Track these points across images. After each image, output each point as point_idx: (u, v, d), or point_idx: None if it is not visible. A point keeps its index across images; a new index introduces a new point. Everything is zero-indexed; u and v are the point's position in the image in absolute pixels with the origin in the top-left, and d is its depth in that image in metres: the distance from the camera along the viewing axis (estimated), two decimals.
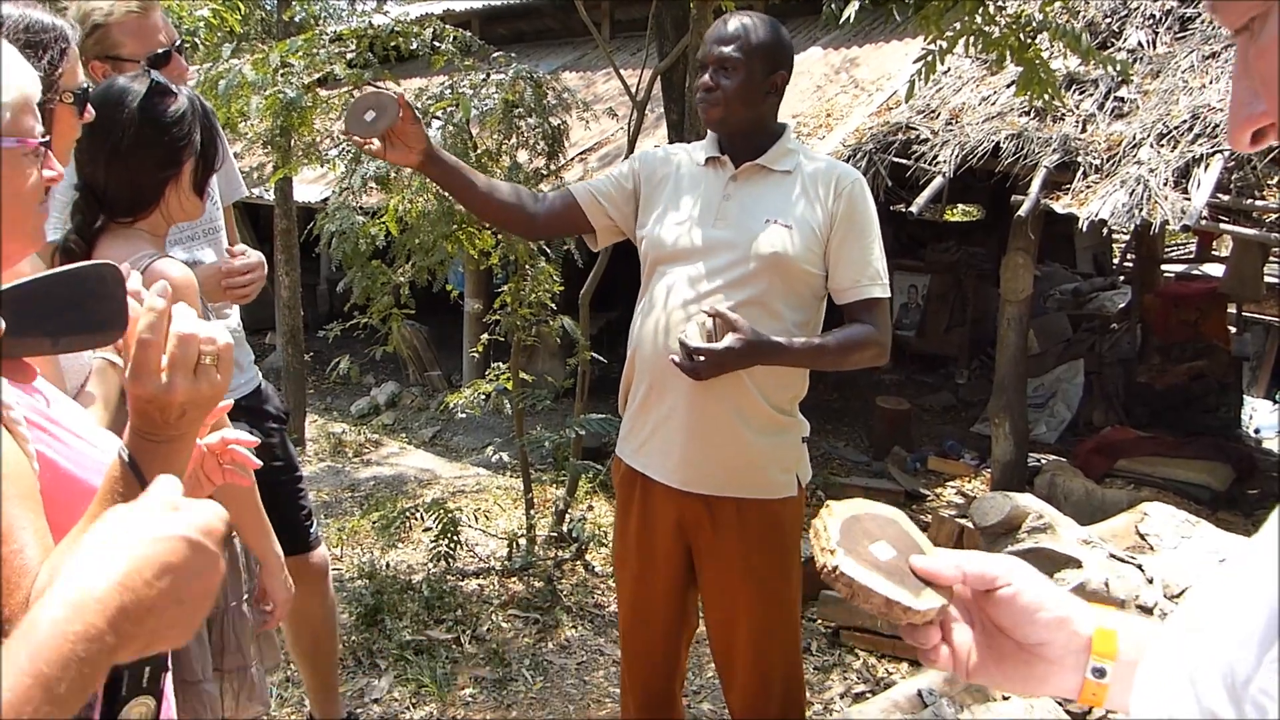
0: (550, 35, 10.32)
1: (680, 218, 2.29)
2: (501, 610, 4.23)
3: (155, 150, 1.85)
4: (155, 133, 1.84)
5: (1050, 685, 0.87)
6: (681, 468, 2.25)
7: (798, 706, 2.44)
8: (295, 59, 4.06)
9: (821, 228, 2.21)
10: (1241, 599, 0.62)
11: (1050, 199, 5.28)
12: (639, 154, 2.49)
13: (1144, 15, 6.18)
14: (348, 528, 5.32)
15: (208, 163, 1.94)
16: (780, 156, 2.28)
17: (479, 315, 6.45)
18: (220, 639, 2.05)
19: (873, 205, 2.28)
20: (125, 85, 1.86)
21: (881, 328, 2.25)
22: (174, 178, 1.89)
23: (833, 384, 8.22)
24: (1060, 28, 3.68)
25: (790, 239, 2.18)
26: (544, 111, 4.33)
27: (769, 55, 2.22)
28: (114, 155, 1.82)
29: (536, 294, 4.45)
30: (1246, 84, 0.67)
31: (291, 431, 6.65)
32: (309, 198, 7.68)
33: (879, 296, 2.24)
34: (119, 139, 1.81)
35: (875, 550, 0.93)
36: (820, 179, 2.25)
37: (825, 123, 6.68)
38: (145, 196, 1.88)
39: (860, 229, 2.23)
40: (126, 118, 1.81)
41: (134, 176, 1.85)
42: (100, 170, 1.84)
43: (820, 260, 2.23)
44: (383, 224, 4.27)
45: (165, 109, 1.85)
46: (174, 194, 1.90)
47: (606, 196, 2.40)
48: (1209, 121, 5.15)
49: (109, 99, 1.82)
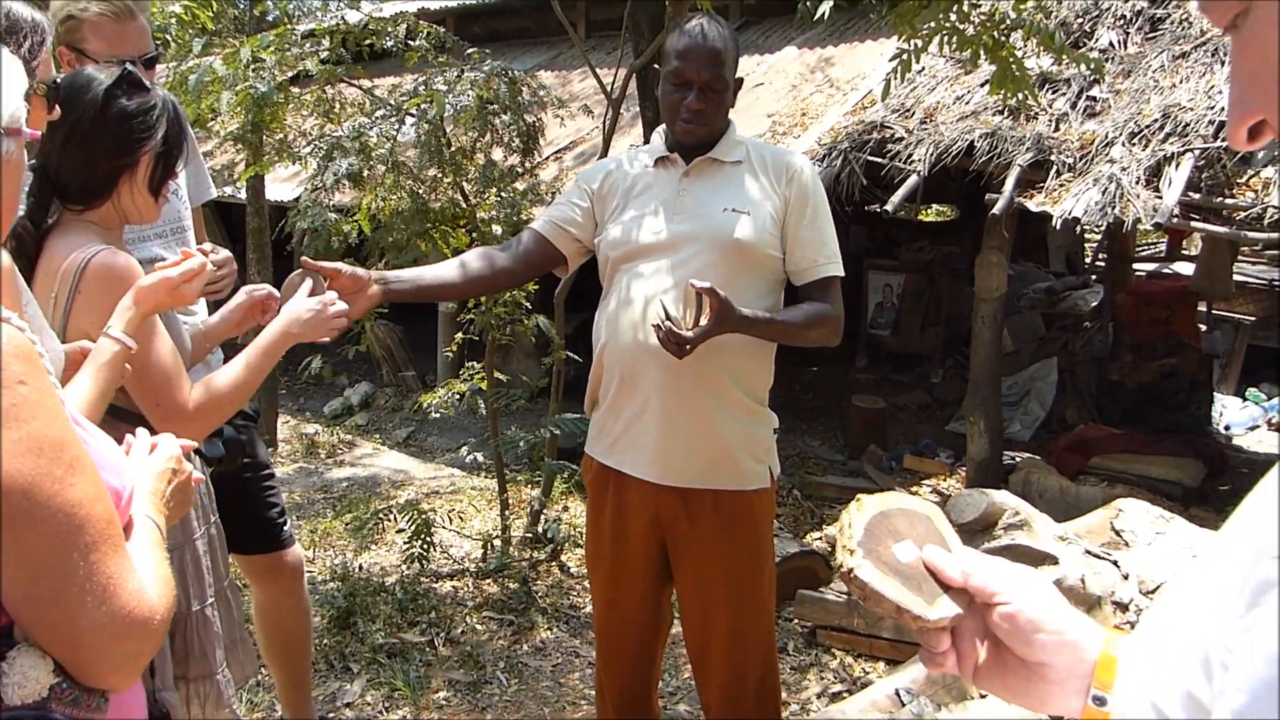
0: (526, 34, 10.28)
1: (640, 217, 2.32)
2: (476, 612, 4.20)
3: (113, 137, 1.82)
4: (117, 119, 1.82)
5: (1052, 705, 0.84)
6: (657, 461, 2.26)
7: (773, 703, 2.44)
8: (267, 54, 4.00)
9: (778, 211, 2.28)
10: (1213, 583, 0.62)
11: (1024, 197, 5.30)
12: (580, 174, 2.54)
13: (1115, 16, 6.23)
14: (320, 529, 5.27)
15: (168, 164, 1.90)
16: (730, 148, 2.33)
17: (453, 314, 6.41)
18: (184, 645, 2.01)
19: (822, 188, 2.37)
20: (95, 71, 1.85)
21: (837, 305, 2.32)
22: (129, 169, 1.85)
23: (808, 383, 8.24)
24: (1034, 25, 3.69)
25: (750, 225, 2.24)
26: (519, 109, 4.29)
27: (736, 63, 2.33)
28: (71, 135, 1.79)
29: (511, 293, 4.42)
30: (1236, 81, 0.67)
31: (263, 432, 6.59)
32: (282, 196, 7.60)
33: (834, 274, 2.31)
34: (78, 119, 1.78)
35: (898, 550, 0.90)
36: (770, 166, 2.32)
37: (800, 121, 6.68)
38: (97, 184, 1.85)
39: (814, 211, 2.30)
40: (90, 99, 1.80)
41: (88, 160, 1.82)
42: (56, 150, 1.81)
43: (779, 244, 2.29)
44: (356, 222, 4.23)
45: (131, 98, 1.83)
46: (127, 187, 1.87)
47: (569, 222, 2.43)
48: (1180, 121, 5.19)
49: (77, 82, 1.81)
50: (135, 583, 0.99)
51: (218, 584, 2.17)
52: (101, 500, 0.97)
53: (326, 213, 4.18)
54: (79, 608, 0.93)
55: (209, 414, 1.88)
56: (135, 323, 1.68)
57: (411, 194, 4.24)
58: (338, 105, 4.54)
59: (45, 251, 1.82)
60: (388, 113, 4.30)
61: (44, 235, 1.84)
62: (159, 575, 1.07)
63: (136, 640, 0.98)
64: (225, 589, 2.24)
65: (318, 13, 7.48)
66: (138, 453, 1.32)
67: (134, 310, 1.68)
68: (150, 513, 1.20)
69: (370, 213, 4.24)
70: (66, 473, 0.93)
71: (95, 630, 0.94)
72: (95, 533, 0.95)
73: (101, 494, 0.98)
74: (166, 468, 1.30)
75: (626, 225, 2.32)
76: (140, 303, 1.69)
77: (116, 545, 0.98)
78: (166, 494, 1.28)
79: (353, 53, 4.36)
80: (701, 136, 2.29)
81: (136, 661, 1.01)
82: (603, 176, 2.43)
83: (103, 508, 0.97)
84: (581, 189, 2.45)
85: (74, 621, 0.93)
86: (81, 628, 0.93)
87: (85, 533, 0.93)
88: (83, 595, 0.93)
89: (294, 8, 10.38)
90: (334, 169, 4.11)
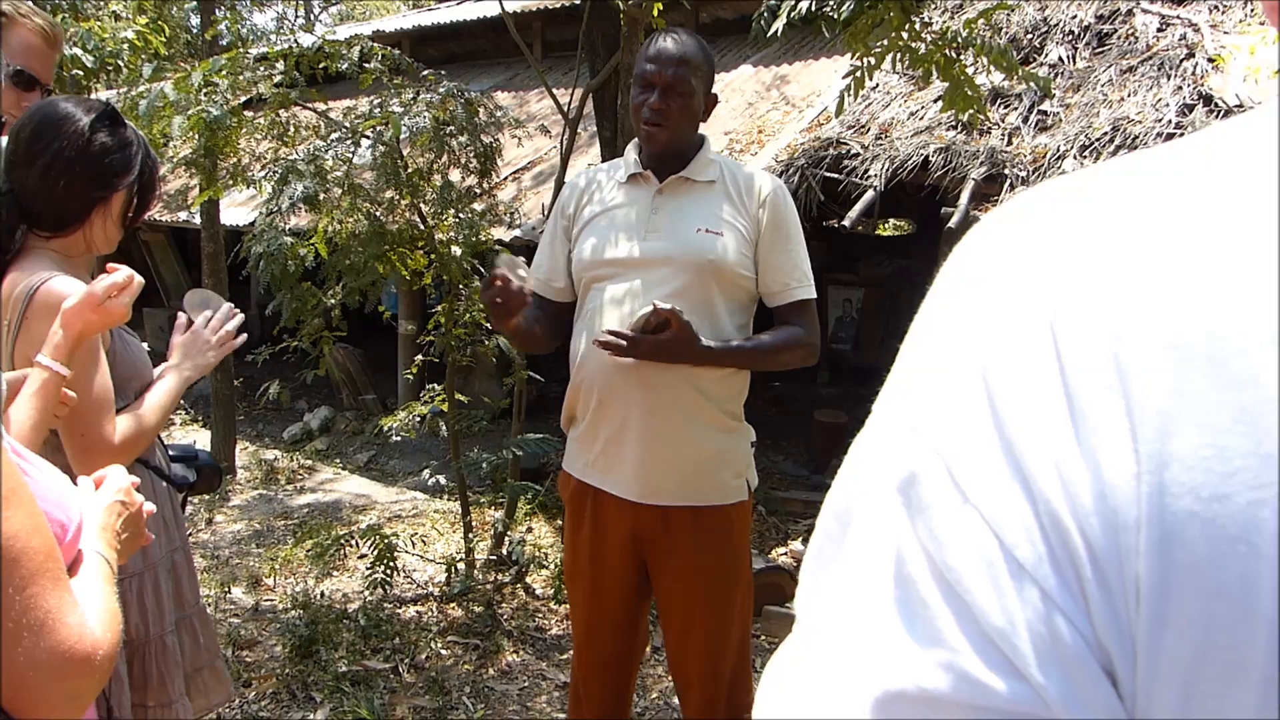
0: (482, 55, 10.28)
1: (612, 235, 2.31)
2: (440, 637, 4.15)
3: (92, 169, 1.83)
4: (100, 152, 1.83)
5: None
6: (637, 481, 2.26)
7: (748, 713, 2.43)
8: (220, 78, 3.97)
9: (749, 232, 2.27)
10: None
11: (980, 210, 5.36)
12: (556, 204, 2.51)
13: (1064, 31, 6.33)
14: (281, 557, 5.19)
15: (142, 199, 1.93)
16: (703, 167, 2.32)
17: (413, 336, 6.37)
18: (142, 673, 1.97)
19: (794, 209, 2.35)
20: (75, 106, 1.86)
21: (810, 328, 2.31)
22: (103, 202, 1.86)
23: (771, 398, 8.26)
24: (985, 43, 3.74)
25: (723, 246, 2.23)
26: (476, 130, 4.29)
27: (708, 75, 2.31)
28: (51, 165, 1.80)
29: (471, 314, 4.40)
30: None
31: (222, 459, 6.50)
32: (237, 220, 7.53)
33: (807, 298, 2.31)
34: (60, 149, 1.79)
35: None
36: (743, 186, 2.31)
37: (757, 139, 6.73)
38: (72, 214, 1.85)
39: (786, 233, 2.29)
40: (73, 131, 1.81)
41: (66, 190, 1.82)
42: (33, 177, 1.81)
43: (751, 265, 2.28)
44: (312, 245, 4.20)
45: (113, 132, 1.86)
46: (100, 219, 1.88)
47: (560, 270, 2.42)
48: (1129, 133, 5.29)
49: (58, 113, 1.82)
50: (76, 618, 0.96)
51: (182, 611, 2.13)
52: (40, 533, 0.95)
53: (282, 236, 4.14)
54: (15, 644, 0.90)
55: (132, 448, 1.86)
56: (65, 348, 1.63)
57: (368, 216, 4.21)
58: (292, 128, 4.50)
59: (7, 279, 1.80)
60: (343, 135, 4.28)
61: (8, 262, 1.82)
62: (105, 610, 1.05)
63: (77, 677, 0.95)
64: (191, 616, 2.19)
65: (271, 36, 7.43)
66: (84, 487, 1.29)
67: (61, 334, 1.63)
68: (99, 547, 1.17)
69: (327, 236, 4.20)
70: (1, 505, 0.90)
71: (33, 667, 0.91)
72: (32, 566, 0.92)
73: (40, 526, 0.95)
74: (115, 500, 1.28)
75: (598, 243, 2.31)
76: (68, 326, 1.64)
77: (56, 579, 0.95)
78: (117, 527, 1.25)
79: (307, 76, 4.33)
80: (665, 142, 2.26)
81: (78, 700, 0.98)
82: (576, 198, 2.42)
83: (41, 540, 0.94)
84: (559, 221, 2.44)
85: (11, 658, 0.90)
86: (19, 664, 0.90)
87: (21, 566, 0.91)
88: (19, 631, 0.90)
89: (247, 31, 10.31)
90: (289, 192, 4.08)
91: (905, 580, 0.42)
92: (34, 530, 0.94)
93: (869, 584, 0.44)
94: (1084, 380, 0.40)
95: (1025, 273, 0.44)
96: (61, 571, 0.97)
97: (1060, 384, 0.40)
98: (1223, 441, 0.36)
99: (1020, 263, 0.44)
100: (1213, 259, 0.39)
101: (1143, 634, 0.37)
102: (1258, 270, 0.38)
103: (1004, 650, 0.39)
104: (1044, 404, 0.40)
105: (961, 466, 0.42)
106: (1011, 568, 0.39)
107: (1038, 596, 0.39)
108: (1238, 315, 0.38)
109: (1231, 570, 0.36)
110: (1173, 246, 0.40)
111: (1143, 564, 0.37)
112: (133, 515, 1.31)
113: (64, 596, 0.95)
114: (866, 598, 0.44)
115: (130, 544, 1.30)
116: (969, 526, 0.40)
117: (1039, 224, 0.45)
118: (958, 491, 0.41)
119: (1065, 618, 0.38)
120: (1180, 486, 0.37)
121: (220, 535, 5.77)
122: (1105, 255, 0.42)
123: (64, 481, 1.20)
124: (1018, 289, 0.44)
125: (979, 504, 0.40)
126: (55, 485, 1.14)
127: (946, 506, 0.41)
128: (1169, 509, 0.37)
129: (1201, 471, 0.37)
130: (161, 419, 1.93)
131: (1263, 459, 0.36)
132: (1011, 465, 0.40)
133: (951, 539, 0.41)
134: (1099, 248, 0.42)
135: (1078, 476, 0.39)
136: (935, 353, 0.47)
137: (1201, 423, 0.37)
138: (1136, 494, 0.37)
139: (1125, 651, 0.38)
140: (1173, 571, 0.37)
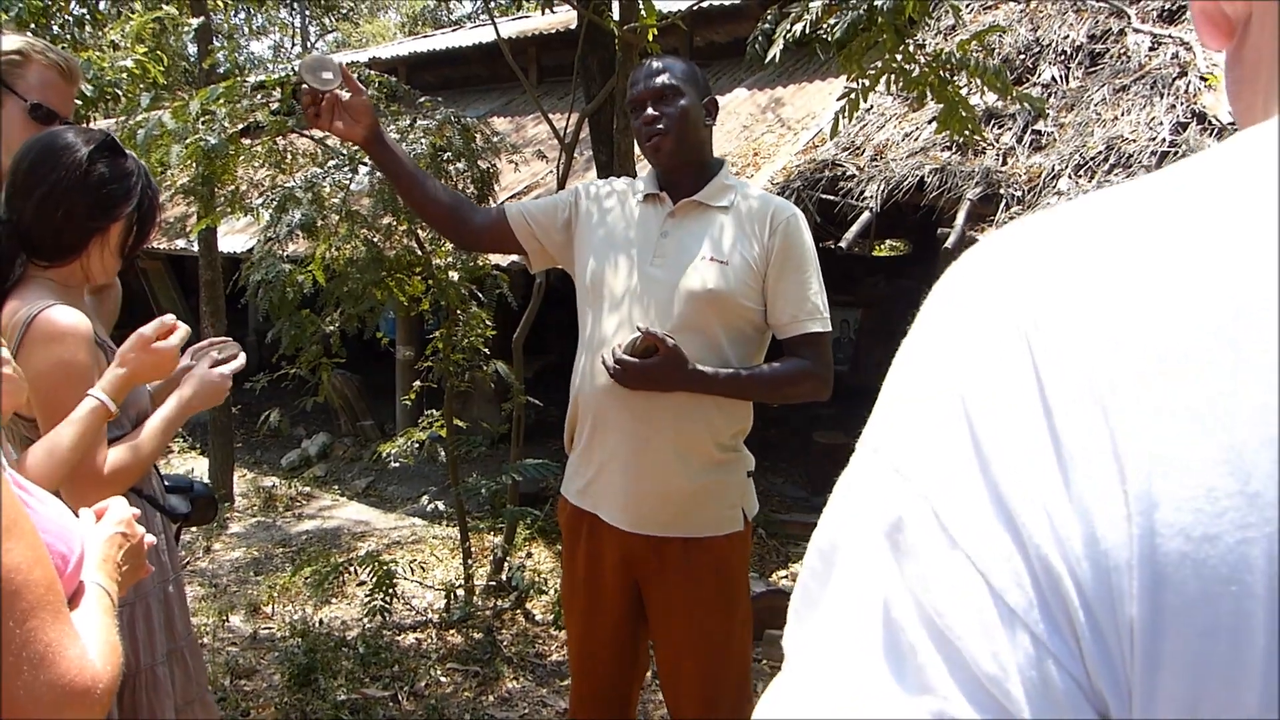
0: (478, 81, 10.33)
1: (618, 256, 2.28)
2: (440, 664, 4.12)
3: (93, 199, 1.84)
4: (99, 182, 1.84)
5: None
6: (627, 510, 2.23)
7: None
8: (217, 106, 3.99)
9: (758, 263, 2.21)
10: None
11: (975, 230, 5.37)
12: (582, 185, 2.46)
13: (1056, 51, 6.37)
14: (279, 585, 5.17)
15: (141, 230, 1.93)
16: (718, 192, 2.28)
17: (411, 362, 6.36)
18: (132, 704, 1.94)
19: (810, 240, 2.28)
20: (75, 137, 1.87)
21: (818, 361, 2.25)
22: (102, 232, 1.87)
23: (769, 420, 8.24)
24: (979, 65, 3.76)
25: (726, 275, 2.18)
26: (473, 155, 4.30)
27: (698, 81, 2.28)
28: (50, 194, 1.81)
29: (469, 339, 4.40)
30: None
31: (220, 486, 6.48)
32: (235, 248, 7.54)
33: (818, 331, 2.24)
34: (59, 179, 1.80)
35: None
36: (756, 215, 2.25)
37: (753, 161, 6.75)
38: (71, 244, 1.85)
39: (797, 264, 2.22)
40: (73, 161, 1.82)
41: (66, 220, 1.83)
42: (32, 206, 1.81)
43: (758, 295, 2.22)
44: (310, 272, 4.20)
45: (113, 161, 1.87)
46: (98, 249, 1.88)
47: (535, 220, 2.40)
48: (1123, 152, 5.30)
49: (58, 143, 1.83)
50: (77, 650, 0.96)
51: (173, 642, 2.11)
52: (41, 565, 0.94)
53: (280, 264, 4.14)
54: (15, 676, 0.90)
55: (124, 478, 1.85)
56: (119, 385, 1.75)
57: (366, 243, 4.22)
58: (289, 156, 4.51)
59: (6, 307, 1.81)
60: (340, 162, 4.29)
61: (7, 291, 1.82)
62: (105, 643, 1.04)
63: (76, 709, 0.95)
64: (182, 647, 2.17)
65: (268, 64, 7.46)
66: (86, 518, 1.29)
67: (119, 372, 1.76)
68: (100, 579, 1.16)
69: (325, 263, 4.21)
70: (1, 538, 0.90)
71: (33, 700, 0.90)
72: (33, 598, 0.91)
73: (40, 558, 0.95)
74: (116, 532, 1.27)
75: (600, 263, 2.28)
76: (125, 364, 1.77)
77: (57, 611, 0.95)
78: (118, 559, 1.24)
79: None
80: (670, 150, 2.23)
81: None
82: (602, 197, 2.39)
83: (41, 573, 0.94)
84: (571, 201, 2.40)
85: (11, 691, 0.89)
86: (19, 698, 0.90)
87: (22, 599, 0.90)
88: (18, 663, 0.90)
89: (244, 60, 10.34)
90: (287, 220, 4.09)
91: (892, 625, 0.42)
92: (35, 562, 0.93)
93: (855, 628, 0.44)
94: (1068, 419, 0.39)
95: (999, 292, 0.44)
96: (62, 604, 0.97)
97: (1043, 418, 0.40)
98: (1210, 481, 0.36)
99: (995, 284, 0.45)
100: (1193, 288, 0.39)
101: (1137, 676, 0.37)
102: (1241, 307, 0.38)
103: (996, 696, 0.38)
104: (1029, 443, 0.40)
105: (948, 510, 0.41)
106: (1002, 613, 0.39)
107: (1029, 641, 0.38)
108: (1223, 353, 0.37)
109: (1224, 610, 0.35)
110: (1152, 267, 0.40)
111: (1135, 606, 0.37)
112: (134, 547, 1.30)
113: (64, 629, 0.95)
114: (853, 642, 0.44)
115: (131, 576, 1.29)
116: (957, 571, 0.40)
117: (1014, 250, 0.45)
118: (945, 536, 0.41)
119: (1057, 662, 0.38)
120: (1170, 528, 0.37)
121: (219, 563, 5.74)
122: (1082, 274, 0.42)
123: (66, 513, 1.20)
124: (992, 307, 0.44)
125: (967, 549, 0.40)
126: (57, 517, 1.14)
127: (934, 551, 0.41)
128: (1159, 550, 0.37)
129: (1190, 512, 0.36)
130: (158, 448, 1.92)
131: (1250, 498, 0.36)
132: (999, 509, 0.40)
133: (940, 584, 0.41)
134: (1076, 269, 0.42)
135: (1067, 520, 0.38)
136: (916, 380, 0.47)
137: (1189, 463, 0.37)
138: (1127, 536, 0.37)
139: (1120, 694, 0.38)
140: (1166, 613, 0.36)
